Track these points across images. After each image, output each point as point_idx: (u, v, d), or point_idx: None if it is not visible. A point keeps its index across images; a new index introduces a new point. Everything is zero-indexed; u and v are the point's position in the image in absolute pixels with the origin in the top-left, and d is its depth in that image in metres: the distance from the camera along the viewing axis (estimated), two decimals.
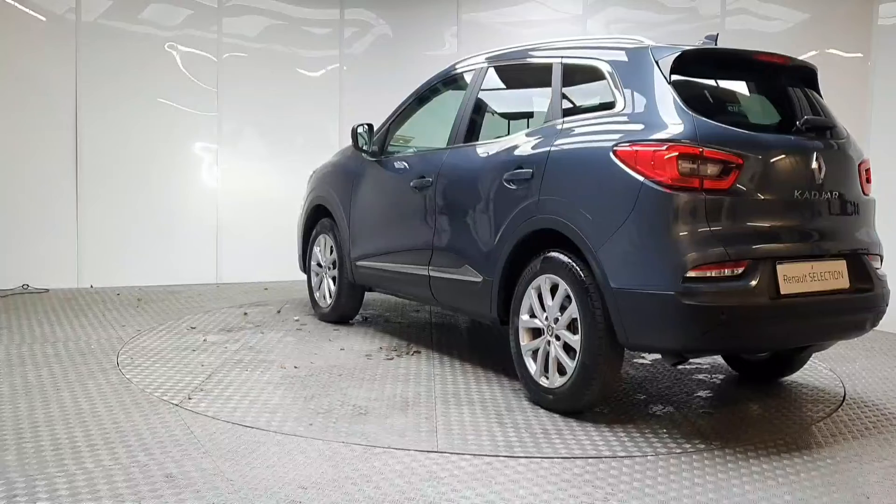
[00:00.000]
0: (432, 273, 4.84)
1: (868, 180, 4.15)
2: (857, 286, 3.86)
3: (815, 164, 3.78)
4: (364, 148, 5.61)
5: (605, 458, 3.32)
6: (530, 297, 4.05)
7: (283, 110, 8.53)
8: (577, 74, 4.24)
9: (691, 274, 3.44)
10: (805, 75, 4.26)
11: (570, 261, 3.80)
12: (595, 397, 3.84)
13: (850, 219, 3.98)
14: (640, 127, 3.69)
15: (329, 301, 6.10)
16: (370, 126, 5.64)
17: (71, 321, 5.95)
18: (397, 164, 5.38)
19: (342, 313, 6.03)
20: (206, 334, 5.56)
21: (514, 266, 4.16)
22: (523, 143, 4.26)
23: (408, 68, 8.29)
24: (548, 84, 4.33)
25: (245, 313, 6.40)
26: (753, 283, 3.50)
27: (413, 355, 5.06)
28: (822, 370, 4.97)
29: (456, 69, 5.21)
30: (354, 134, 5.65)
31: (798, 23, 7.04)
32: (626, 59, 3.98)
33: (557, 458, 3.30)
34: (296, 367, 4.67)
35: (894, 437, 3.73)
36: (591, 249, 3.68)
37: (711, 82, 4.10)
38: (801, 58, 4.60)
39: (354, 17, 8.94)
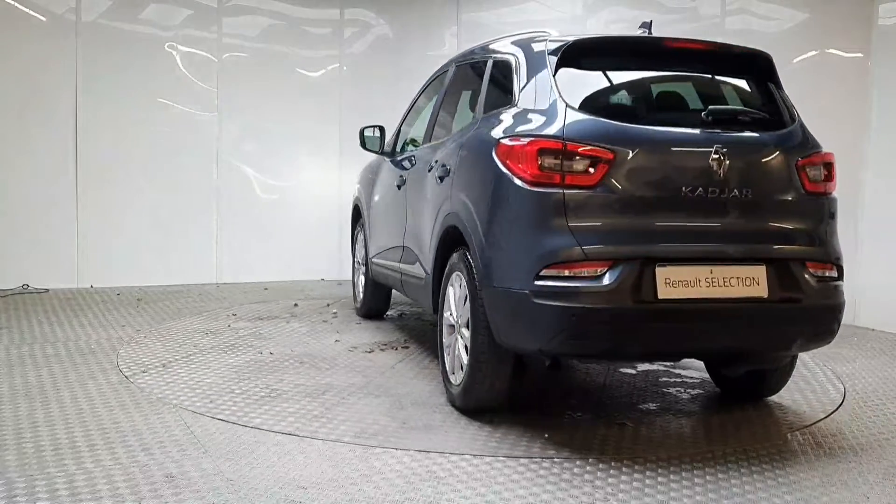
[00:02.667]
0: (402, 268, 5.05)
1: (827, 178, 3.71)
2: (782, 296, 3.46)
3: (713, 160, 3.40)
4: (373, 149, 5.72)
5: (605, 458, 3.32)
6: (448, 294, 4.06)
7: (282, 110, 8.54)
8: (498, 71, 4.22)
9: (545, 273, 3.31)
10: (749, 63, 3.97)
11: (466, 258, 3.78)
12: (485, 398, 3.75)
13: (775, 221, 3.57)
14: (520, 122, 3.64)
15: (360, 297, 6.43)
16: (381, 128, 5.71)
17: (71, 321, 5.95)
18: (395, 165, 5.48)
19: (369, 308, 6.32)
20: (238, 321, 6.03)
21: (444, 262, 4.15)
22: (450, 141, 4.35)
23: (408, 68, 8.30)
24: (481, 82, 4.36)
25: (295, 304, 6.91)
26: (614, 284, 3.27)
27: (398, 350, 5.18)
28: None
29: (440, 69, 5.33)
30: (361, 135, 5.71)
31: (798, 23, 7.03)
32: (526, 53, 3.93)
33: (557, 458, 3.30)
34: (271, 354, 4.99)
35: (894, 437, 3.73)
36: (473, 246, 3.68)
37: (607, 73, 3.88)
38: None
39: (354, 17, 8.95)
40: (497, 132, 3.71)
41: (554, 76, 3.65)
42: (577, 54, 3.73)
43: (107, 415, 3.71)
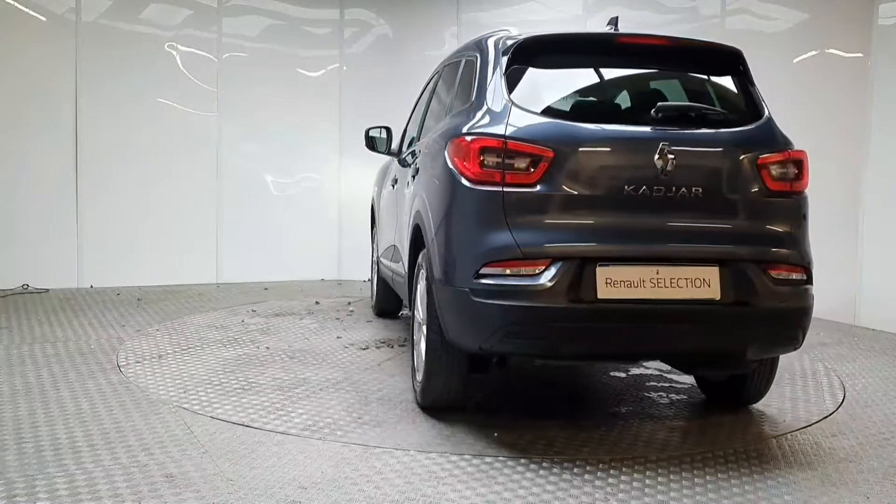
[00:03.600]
0: (393, 267, 5.18)
1: (796, 177, 3.56)
2: (736, 299, 3.37)
3: (658, 158, 3.33)
4: (380, 149, 5.76)
5: (605, 457, 3.32)
6: (416, 292, 4.11)
7: (282, 110, 8.54)
8: (466, 70, 4.24)
9: (484, 271, 3.31)
10: (714, 59, 3.90)
11: (426, 256, 3.80)
12: (442, 396, 3.77)
13: (730, 220, 3.46)
14: (470, 121, 3.64)
15: (373, 295, 6.63)
16: (387, 129, 5.71)
17: (71, 321, 5.95)
18: (399, 164, 5.48)
19: (381, 307, 6.45)
20: (255, 316, 6.29)
21: (415, 260, 4.17)
22: (423, 141, 4.42)
23: (408, 68, 8.30)
24: (455, 81, 4.39)
25: (317, 302, 7.11)
26: (551, 283, 3.24)
27: (394, 348, 5.26)
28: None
29: (435, 69, 5.36)
30: (367, 136, 5.73)
31: (798, 23, 7.04)
32: (483, 52, 3.94)
33: (557, 458, 3.30)
34: (267, 349, 5.16)
35: (894, 437, 3.72)
36: (427, 243, 3.71)
37: (557, 70, 3.88)
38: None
39: (354, 17, 8.95)
40: (450, 131, 3.74)
41: (504, 74, 3.67)
42: (528, 52, 3.74)
43: (107, 415, 3.71)
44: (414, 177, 4.31)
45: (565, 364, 4.38)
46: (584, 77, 3.94)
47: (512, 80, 3.65)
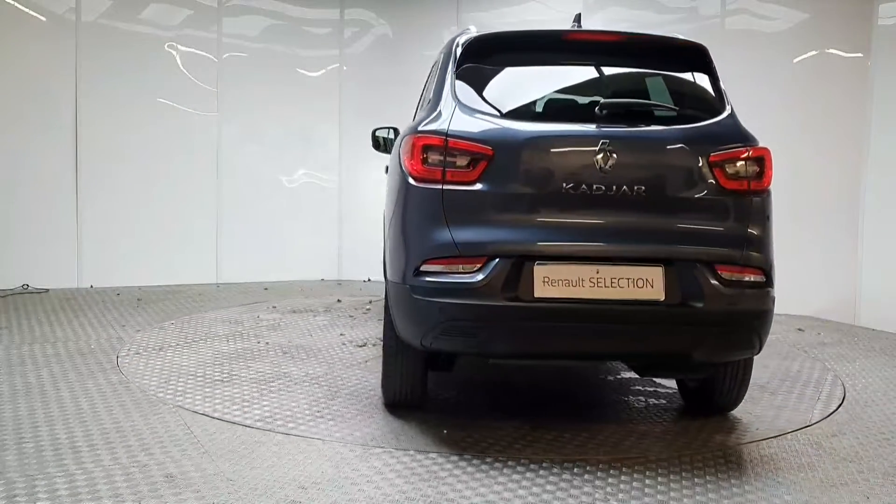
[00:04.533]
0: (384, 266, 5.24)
1: (757, 175, 3.43)
2: (682, 300, 3.28)
3: (598, 156, 3.28)
4: (388, 151, 5.73)
5: (605, 458, 3.32)
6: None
7: (282, 110, 8.54)
8: (432, 70, 4.28)
9: (423, 268, 3.33)
10: (673, 54, 3.84)
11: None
12: (400, 392, 3.80)
13: (677, 219, 3.38)
14: (422, 119, 3.67)
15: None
16: (395, 129, 5.71)
17: (71, 321, 5.95)
18: None
19: None
20: (272, 312, 6.46)
21: None
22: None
23: (408, 68, 8.28)
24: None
25: (339, 300, 7.23)
26: (486, 281, 3.23)
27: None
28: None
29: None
30: (373, 136, 5.70)
31: (798, 23, 7.03)
32: (445, 50, 3.98)
33: (557, 458, 3.30)
34: (266, 344, 5.30)
35: (894, 437, 3.73)
36: (384, 240, 3.73)
37: (507, 68, 3.87)
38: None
39: (354, 17, 8.95)
40: (406, 131, 3.77)
41: (455, 72, 3.70)
42: (479, 51, 3.77)
43: (107, 415, 3.71)
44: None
45: (514, 363, 4.34)
46: (532, 75, 3.94)
47: (462, 79, 3.69)
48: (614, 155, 3.30)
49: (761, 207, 3.44)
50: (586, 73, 3.91)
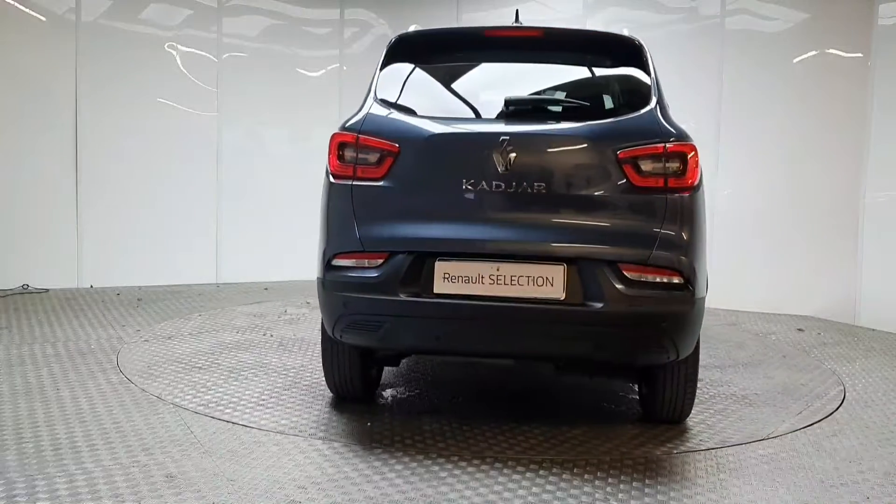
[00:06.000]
0: None
1: (677, 172, 3.27)
2: (583, 299, 3.21)
3: (497, 153, 3.26)
4: None
5: (605, 458, 3.32)
6: None
7: (282, 110, 8.54)
8: None
9: (334, 262, 3.44)
10: (600, 49, 3.79)
11: None
12: (338, 384, 3.90)
13: (581, 218, 3.29)
14: (347, 117, 3.72)
15: None
16: None
17: (71, 321, 5.94)
18: None
19: None
20: (303, 307, 6.72)
21: None
22: None
23: None
24: None
25: None
26: (386, 276, 3.29)
27: None
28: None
29: None
30: None
31: (798, 23, 7.04)
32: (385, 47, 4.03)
33: (558, 458, 3.30)
34: (270, 336, 5.51)
35: (894, 437, 3.73)
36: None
37: (428, 66, 3.89)
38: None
39: (354, 17, 8.95)
40: None
41: (380, 70, 3.80)
42: (405, 49, 3.84)
43: (107, 415, 3.71)
44: None
45: (453, 360, 4.41)
46: (451, 72, 3.95)
47: (385, 78, 3.78)
48: (514, 153, 3.27)
49: (682, 206, 3.28)
50: (504, 69, 3.91)
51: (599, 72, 3.82)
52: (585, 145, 3.35)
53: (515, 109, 3.53)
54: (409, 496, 2.86)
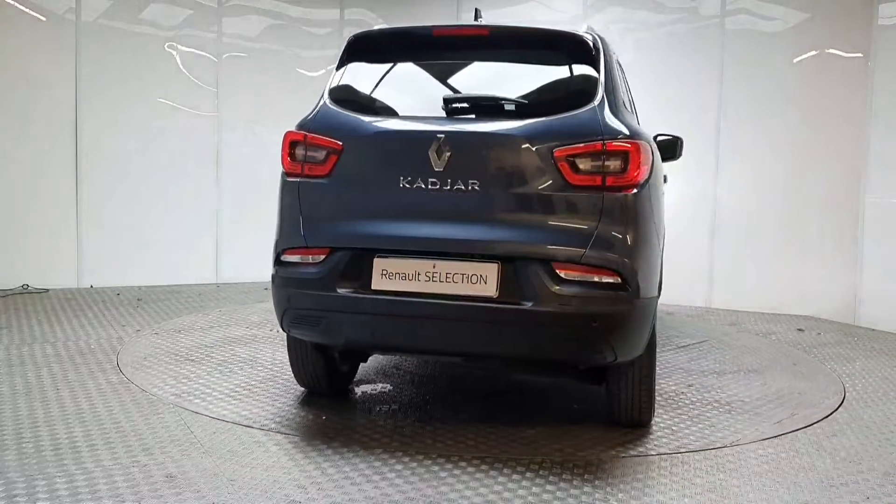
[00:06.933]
0: None
1: (619, 170, 3.22)
2: (515, 298, 3.19)
3: (432, 151, 3.29)
4: None
5: (606, 458, 3.32)
6: None
7: (282, 110, 8.49)
8: None
9: (282, 258, 3.54)
10: (546, 46, 3.79)
11: None
12: (303, 378, 4.01)
13: (514, 216, 3.28)
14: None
15: None
16: None
17: (71, 321, 5.95)
18: None
19: None
20: None
21: None
22: None
23: None
24: None
25: None
26: (325, 272, 3.37)
27: None
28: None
29: None
30: None
31: (798, 23, 7.04)
32: None
33: (558, 458, 3.30)
34: (270, 330, 5.62)
35: (894, 437, 3.73)
36: None
37: (379, 65, 3.91)
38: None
39: (354, 17, 8.95)
40: None
41: (336, 69, 3.87)
42: (361, 48, 3.88)
43: (107, 415, 3.71)
44: None
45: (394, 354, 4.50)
46: (401, 71, 3.97)
47: (339, 76, 3.84)
48: (449, 151, 3.30)
49: (623, 205, 3.23)
50: (451, 68, 3.91)
51: (545, 69, 3.74)
52: (521, 144, 3.32)
53: (455, 108, 3.52)
54: (409, 496, 2.86)
